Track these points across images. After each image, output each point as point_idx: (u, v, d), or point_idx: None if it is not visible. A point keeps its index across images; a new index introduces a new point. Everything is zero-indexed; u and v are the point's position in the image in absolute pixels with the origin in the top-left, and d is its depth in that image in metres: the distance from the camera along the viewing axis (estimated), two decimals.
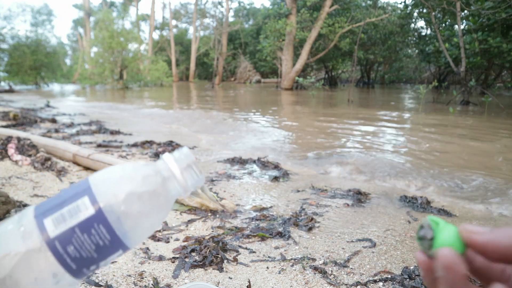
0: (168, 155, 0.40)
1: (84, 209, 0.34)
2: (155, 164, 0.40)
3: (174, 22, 41.89)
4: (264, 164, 3.48)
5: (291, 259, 1.70)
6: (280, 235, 1.96)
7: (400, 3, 19.46)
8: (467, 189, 3.09)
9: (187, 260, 1.66)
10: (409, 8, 17.69)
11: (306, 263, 1.66)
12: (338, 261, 1.68)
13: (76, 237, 0.33)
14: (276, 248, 1.82)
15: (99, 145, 4.31)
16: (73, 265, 0.34)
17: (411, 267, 1.61)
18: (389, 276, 1.55)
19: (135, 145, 4.33)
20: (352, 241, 1.90)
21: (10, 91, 19.07)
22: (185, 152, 0.41)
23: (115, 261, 1.64)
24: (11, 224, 0.35)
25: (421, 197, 2.55)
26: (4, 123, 6.02)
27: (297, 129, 6.48)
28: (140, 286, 1.46)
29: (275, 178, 3.07)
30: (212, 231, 2.01)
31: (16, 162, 3.19)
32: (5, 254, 0.32)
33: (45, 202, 0.36)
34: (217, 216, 2.21)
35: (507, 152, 4.54)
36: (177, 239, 1.91)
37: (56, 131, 5.52)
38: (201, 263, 1.63)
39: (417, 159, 4.16)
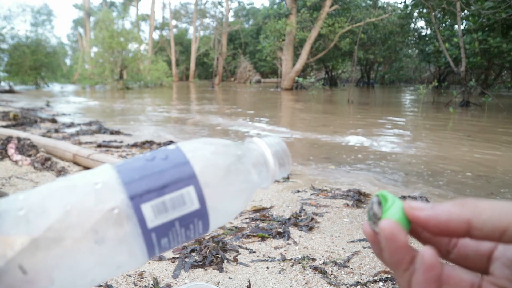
0: (260, 140, 0.37)
1: (190, 203, 0.30)
2: (250, 151, 0.36)
3: (174, 22, 41.91)
4: None
5: (291, 259, 1.71)
6: (280, 235, 1.96)
7: (400, 3, 19.48)
8: (468, 190, 3.09)
9: (187, 260, 1.66)
10: (409, 8, 17.68)
11: (306, 263, 1.66)
12: (338, 261, 1.68)
13: (173, 231, 0.30)
14: (276, 248, 1.83)
15: (99, 145, 4.31)
16: (157, 252, 0.31)
17: None
18: (389, 276, 1.55)
19: (135, 145, 4.33)
20: (352, 241, 1.90)
21: (10, 91, 19.07)
22: (276, 139, 0.37)
23: None
24: (92, 195, 0.28)
25: (420, 197, 2.55)
26: (4, 123, 6.02)
27: (297, 130, 6.48)
28: (140, 286, 1.46)
29: None
30: (212, 231, 2.02)
31: (16, 162, 3.19)
32: (94, 238, 0.27)
33: (135, 172, 0.30)
34: None
35: (509, 152, 4.54)
36: None
37: (56, 131, 5.53)
38: (201, 263, 1.63)
39: (417, 159, 4.16)
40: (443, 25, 16.27)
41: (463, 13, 11.02)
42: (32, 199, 0.27)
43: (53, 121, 6.68)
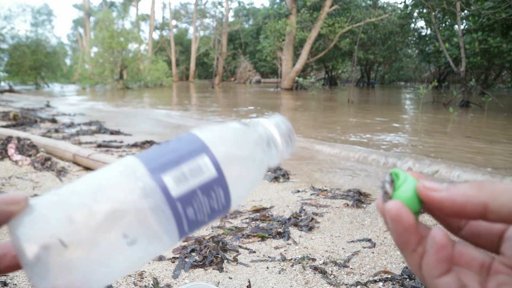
0: (267, 121, 0.39)
1: (206, 170, 0.32)
2: (255, 129, 0.38)
3: (174, 22, 41.90)
4: None
5: (291, 259, 1.70)
6: (280, 235, 1.96)
7: (400, 3, 19.47)
8: None
9: (187, 260, 1.66)
10: (409, 8, 17.67)
11: (306, 263, 1.66)
12: (338, 261, 1.68)
13: (197, 199, 0.31)
14: (276, 248, 1.82)
15: (99, 145, 4.31)
16: (186, 227, 0.32)
17: None
18: (389, 276, 1.55)
19: (135, 145, 4.33)
20: (352, 241, 1.90)
21: (10, 91, 19.05)
22: (281, 119, 0.39)
23: None
24: (117, 177, 0.30)
25: None
26: (4, 123, 6.02)
27: (296, 130, 6.48)
28: (140, 286, 1.46)
29: (275, 179, 3.07)
30: (212, 231, 2.02)
31: (16, 162, 3.19)
32: (123, 211, 0.29)
33: (153, 154, 0.32)
34: None
35: (509, 151, 4.54)
36: None
37: (56, 131, 5.52)
38: (201, 263, 1.63)
39: (417, 159, 4.15)
40: (443, 25, 16.27)
41: (463, 13, 11.02)
42: (64, 189, 0.29)
43: (53, 121, 6.68)
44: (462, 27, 10.52)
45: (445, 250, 0.25)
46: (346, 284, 1.50)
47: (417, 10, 17.65)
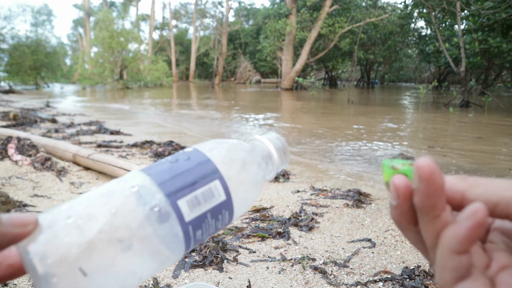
0: (263, 137, 0.41)
1: (217, 195, 0.34)
2: (255, 146, 0.40)
3: (174, 22, 41.88)
4: None
5: (291, 259, 1.70)
6: (280, 235, 1.96)
7: (400, 3, 19.46)
8: None
9: (187, 260, 1.66)
10: (409, 8, 17.68)
11: (306, 263, 1.66)
12: (338, 261, 1.68)
13: (206, 222, 0.33)
14: (276, 248, 1.82)
15: (99, 145, 4.31)
16: (191, 246, 0.33)
17: (411, 267, 1.61)
18: (389, 276, 1.55)
19: (135, 145, 4.33)
20: (352, 241, 1.90)
21: (10, 91, 19.03)
22: (277, 136, 0.42)
23: None
24: (133, 198, 0.30)
25: None
26: (4, 123, 6.02)
27: (297, 130, 6.48)
28: (140, 286, 1.46)
29: (275, 179, 3.07)
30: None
31: (16, 162, 3.19)
32: (140, 238, 0.29)
33: (165, 174, 0.32)
34: None
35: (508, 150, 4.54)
36: None
37: (56, 131, 5.52)
38: (201, 263, 1.63)
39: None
40: (443, 25, 16.27)
41: (463, 13, 11.02)
42: (76, 208, 0.29)
43: (53, 121, 6.68)
44: (462, 27, 10.51)
45: (480, 229, 0.23)
46: (346, 284, 1.50)
47: (417, 10, 17.66)
